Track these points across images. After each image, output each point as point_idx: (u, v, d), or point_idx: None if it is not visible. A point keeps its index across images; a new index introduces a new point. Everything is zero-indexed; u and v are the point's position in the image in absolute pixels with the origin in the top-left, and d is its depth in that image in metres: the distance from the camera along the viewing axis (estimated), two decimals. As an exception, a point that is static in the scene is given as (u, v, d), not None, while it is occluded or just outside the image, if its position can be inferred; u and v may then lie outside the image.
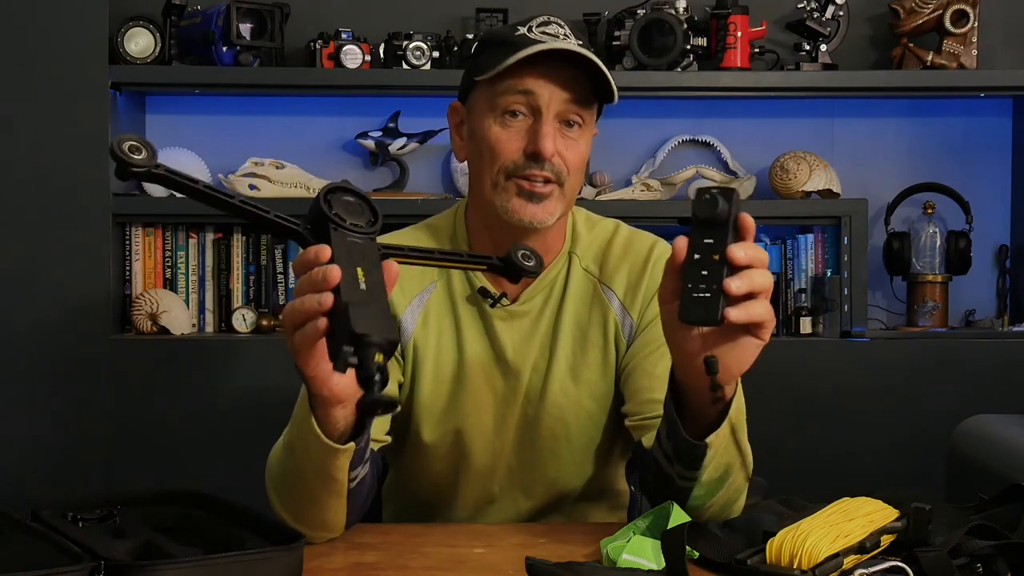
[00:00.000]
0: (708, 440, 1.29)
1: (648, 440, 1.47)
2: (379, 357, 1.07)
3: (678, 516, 1.27)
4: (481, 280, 1.60)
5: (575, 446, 1.61)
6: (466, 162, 1.61)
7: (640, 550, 1.22)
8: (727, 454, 1.33)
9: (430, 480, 1.63)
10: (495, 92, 1.52)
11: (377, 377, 1.06)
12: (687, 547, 1.21)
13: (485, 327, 1.60)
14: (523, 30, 1.52)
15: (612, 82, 1.51)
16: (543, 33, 1.51)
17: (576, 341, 1.60)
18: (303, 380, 1.23)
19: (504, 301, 1.59)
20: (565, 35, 1.52)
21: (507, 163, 1.52)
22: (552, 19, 1.54)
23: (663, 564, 1.19)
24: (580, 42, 1.52)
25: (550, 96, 1.50)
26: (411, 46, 3.02)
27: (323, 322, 1.13)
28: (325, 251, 1.14)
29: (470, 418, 1.59)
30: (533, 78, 1.50)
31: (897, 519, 1.20)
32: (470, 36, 3.05)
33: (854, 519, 1.19)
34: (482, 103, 1.54)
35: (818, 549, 1.13)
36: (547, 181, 1.51)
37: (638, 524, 1.32)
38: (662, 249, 1.64)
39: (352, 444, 1.28)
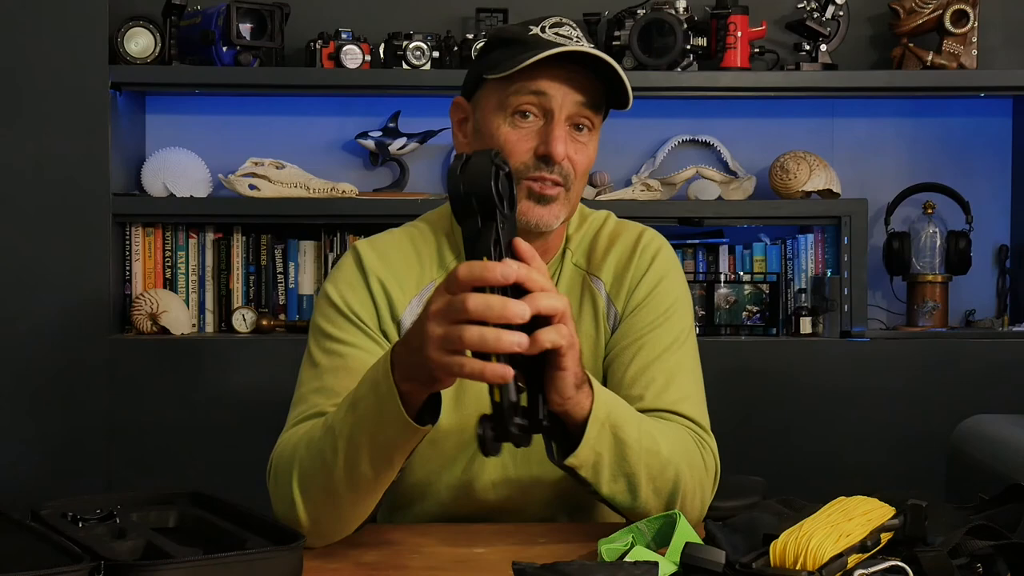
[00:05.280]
0: (568, 462, 1.35)
1: None
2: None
3: (684, 526, 1.27)
4: None
5: None
6: None
7: (642, 558, 1.21)
8: (618, 467, 1.37)
9: (430, 467, 1.61)
10: (506, 92, 1.50)
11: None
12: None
13: None
14: (536, 30, 1.51)
15: (628, 87, 1.50)
16: (556, 35, 1.50)
17: None
18: (432, 372, 1.21)
19: None
20: (578, 37, 1.52)
21: (518, 164, 1.50)
22: (564, 21, 1.53)
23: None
24: (592, 45, 1.52)
25: (563, 98, 1.49)
26: (411, 46, 3.02)
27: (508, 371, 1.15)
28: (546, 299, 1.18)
29: (470, 407, 1.57)
30: (547, 80, 1.49)
31: (894, 516, 1.20)
32: (470, 36, 3.05)
33: (853, 518, 1.19)
34: (491, 101, 1.53)
35: (823, 550, 1.13)
36: (555, 184, 1.51)
37: (640, 528, 1.31)
38: (649, 238, 1.64)
39: (430, 425, 1.28)
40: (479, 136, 1.55)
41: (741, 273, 3.11)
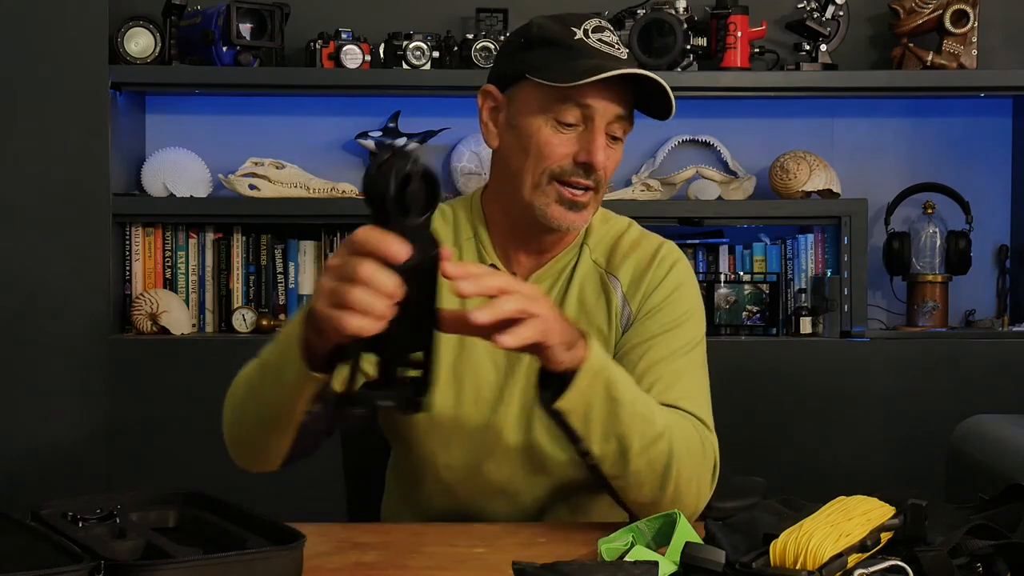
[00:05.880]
0: (557, 405, 1.36)
1: None
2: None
3: (684, 525, 1.27)
4: (492, 257, 1.63)
5: None
6: (490, 153, 1.64)
7: (642, 557, 1.21)
8: (610, 424, 1.39)
9: (428, 447, 1.63)
10: (552, 98, 1.54)
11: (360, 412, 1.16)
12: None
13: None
14: (579, 34, 1.55)
15: (674, 105, 1.57)
16: (600, 41, 1.55)
17: (579, 324, 1.61)
18: (319, 317, 1.24)
19: None
20: (617, 43, 1.57)
21: (554, 167, 1.55)
22: (604, 24, 1.58)
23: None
24: (627, 51, 1.58)
25: (604, 110, 1.54)
26: (411, 46, 3.02)
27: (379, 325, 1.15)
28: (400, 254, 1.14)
29: (471, 391, 1.59)
30: (594, 97, 1.53)
31: (894, 516, 1.20)
32: (470, 36, 3.05)
33: (853, 518, 1.19)
34: (532, 103, 1.56)
35: (822, 549, 1.13)
36: (587, 189, 1.56)
37: (641, 528, 1.31)
38: (668, 249, 1.67)
39: (323, 375, 1.30)
40: (514, 132, 1.58)
41: (741, 273, 3.11)
